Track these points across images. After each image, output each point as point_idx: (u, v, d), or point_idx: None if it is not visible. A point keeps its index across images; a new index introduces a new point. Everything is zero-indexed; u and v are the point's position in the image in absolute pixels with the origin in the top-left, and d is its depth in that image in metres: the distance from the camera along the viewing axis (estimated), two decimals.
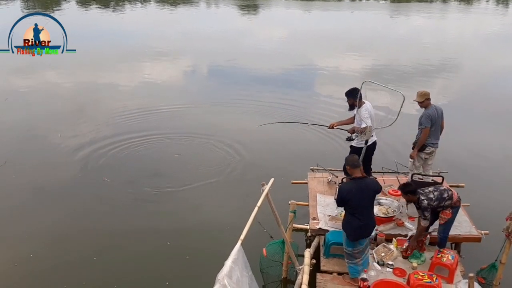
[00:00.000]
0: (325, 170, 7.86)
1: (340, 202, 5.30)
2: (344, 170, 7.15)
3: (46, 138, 10.66)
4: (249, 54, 19.99)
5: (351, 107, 6.90)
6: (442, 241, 5.78)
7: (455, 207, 5.65)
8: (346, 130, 7.19)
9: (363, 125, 6.77)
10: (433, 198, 5.47)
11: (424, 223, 5.53)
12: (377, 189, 5.35)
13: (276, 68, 17.48)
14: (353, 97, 6.78)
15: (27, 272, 6.33)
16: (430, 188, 5.62)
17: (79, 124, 11.55)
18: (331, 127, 7.28)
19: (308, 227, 6.44)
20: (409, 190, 5.59)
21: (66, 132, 10.95)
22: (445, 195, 5.53)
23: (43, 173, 9.06)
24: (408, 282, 5.16)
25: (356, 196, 5.14)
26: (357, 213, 5.16)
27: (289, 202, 6.07)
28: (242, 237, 4.21)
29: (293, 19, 30.24)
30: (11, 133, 10.98)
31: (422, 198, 5.45)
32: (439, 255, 5.49)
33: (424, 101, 6.72)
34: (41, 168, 9.25)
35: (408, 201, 5.82)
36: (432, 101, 6.83)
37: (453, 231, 6.15)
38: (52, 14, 28.72)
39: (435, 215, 5.72)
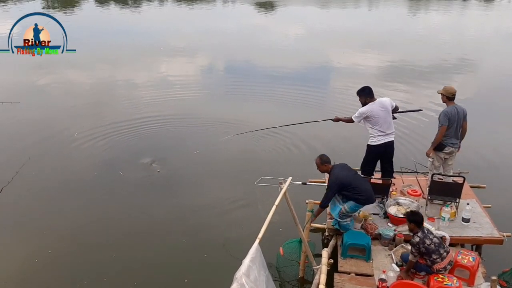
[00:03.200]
0: None
1: (337, 189, 5.86)
2: (362, 169, 7.11)
3: (64, 134, 10.79)
4: (266, 51, 19.93)
5: (363, 106, 6.81)
6: (404, 258, 5.54)
7: (429, 268, 5.26)
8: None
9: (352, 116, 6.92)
10: (427, 244, 5.13)
11: (411, 258, 5.27)
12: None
13: (293, 65, 17.38)
14: (363, 96, 6.78)
15: (47, 268, 6.41)
16: (435, 239, 5.23)
17: (96, 119, 11.63)
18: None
19: (325, 226, 6.40)
20: (415, 220, 5.29)
21: (84, 128, 11.06)
22: (441, 251, 5.19)
23: (61, 170, 9.16)
24: (428, 284, 5.08)
25: (352, 177, 5.93)
26: (360, 190, 5.82)
27: (307, 201, 6.04)
28: (260, 235, 4.19)
29: (310, 16, 30.03)
30: (32, 129, 11.10)
31: (419, 235, 5.17)
32: (460, 257, 5.40)
33: (443, 95, 6.58)
34: (59, 165, 9.36)
35: (410, 230, 5.46)
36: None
37: (474, 233, 6.07)
38: (70, 12, 29.31)
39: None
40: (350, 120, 6.97)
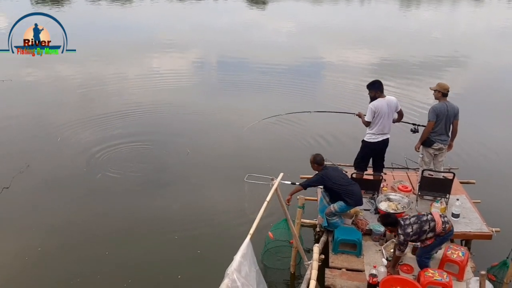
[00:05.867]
0: (334, 164, 7.79)
1: (321, 181, 5.99)
2: (355, 164, 7.14)
3: (52, 130, 10.67)
4: (258, 47, 19.94)
5: (372, 99, 6.71)
6: (419, 263, 5.43)
7: (440, 237, 5.25)
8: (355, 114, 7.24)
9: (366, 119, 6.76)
10: (411, 232, 5.14)
11: (398, 253, 5.30)
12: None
13: (285, 60, 17.40)
14: (373, 89, 6.66)
15: (39, 265, 6.35)
16: (412, 219, 5.23)
17: (87, 114, 11.54)
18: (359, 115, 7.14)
19: (316, 222, 6.42)
20: (388, 222, 5.33)
21: (74, 123, 10.96)
22: (426, 227, 5.16)
23: (50, 166, 9.06)
24: (418, 279, 5.12)
25: (342, 179, 6.02)
26: (349, 192, 5.92)
27: (298, 197, 6.05)
28: (251, 231, 4.20)
29: (302, 13, 30.05)
30: (21, 124, 10.99)
31: (400, 232, 5.18)
32: (449, 252, 5.45)
33: (436, 91, 6.61)
34: (48, 161, 9.25)
35: (390, 232, 5.52)
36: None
37: (463, 228, 6.12)
38: (60, 8, 28.97)
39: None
40: (366, 123, 6.79)
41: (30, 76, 15.07)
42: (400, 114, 6.86)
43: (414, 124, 7.20)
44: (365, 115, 6.80)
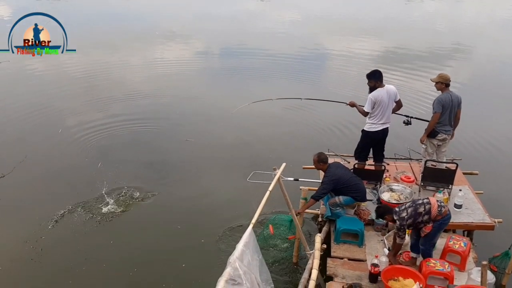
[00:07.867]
0: (337, 155, 7.79)
1: (332, 187, 5.88)
2: (355, 155, 7.13)
3: (55, 121, 10.69)
4: (261, 36, 19.85)
5: (371, 90, 6.63)
6: (423, 252, 5.41)
7: (437, 222, 5.19)
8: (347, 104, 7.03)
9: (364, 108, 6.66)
10: (405, 216, 5.13)
11: (399, 240, 5.30)
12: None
13: (288, 50, 17.33)
14: (373, 79, 6.58)
15: (42, 254, 6.38)
16: (407, 204, 5.27)
17: (88, 106, 11.54)
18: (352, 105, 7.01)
19: (319, 212, 6.43)
20: (382, 212, 5.38)
21: (75, 114, 11.00)
22: (421, 209, 5.13)
23: (54, 156, 9.11)
24: (420, 270, 5.14)
25: (348, 176, 5.97)
26: (355, 189, 5.93)
27: (300, 187, 6.05)
28: (253, 220, 4.19)
29: (305, 2, 29.83)
30: (22, 117, 10.98)
31: (396, 218, 5.20)
32: (451, 242, 5.45)
33: (438, 83, 6.55)
34: (52, 152, 9.30)
35: (390, 221, 5.47)
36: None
37: (466, 219, 6.12)
38: None
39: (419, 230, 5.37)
40: (364, 113, 6.72)
41: (30, 64, 15.08)
42: (398, 104, 6.79)
43: (407, 116, 7.13)
44: (360, 105, 6.77)
